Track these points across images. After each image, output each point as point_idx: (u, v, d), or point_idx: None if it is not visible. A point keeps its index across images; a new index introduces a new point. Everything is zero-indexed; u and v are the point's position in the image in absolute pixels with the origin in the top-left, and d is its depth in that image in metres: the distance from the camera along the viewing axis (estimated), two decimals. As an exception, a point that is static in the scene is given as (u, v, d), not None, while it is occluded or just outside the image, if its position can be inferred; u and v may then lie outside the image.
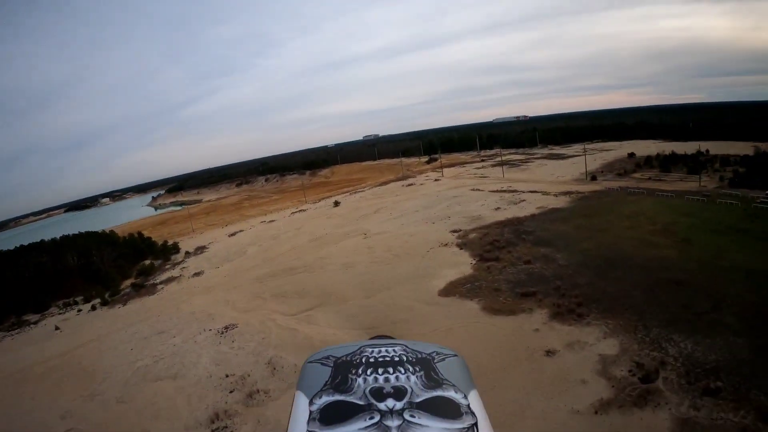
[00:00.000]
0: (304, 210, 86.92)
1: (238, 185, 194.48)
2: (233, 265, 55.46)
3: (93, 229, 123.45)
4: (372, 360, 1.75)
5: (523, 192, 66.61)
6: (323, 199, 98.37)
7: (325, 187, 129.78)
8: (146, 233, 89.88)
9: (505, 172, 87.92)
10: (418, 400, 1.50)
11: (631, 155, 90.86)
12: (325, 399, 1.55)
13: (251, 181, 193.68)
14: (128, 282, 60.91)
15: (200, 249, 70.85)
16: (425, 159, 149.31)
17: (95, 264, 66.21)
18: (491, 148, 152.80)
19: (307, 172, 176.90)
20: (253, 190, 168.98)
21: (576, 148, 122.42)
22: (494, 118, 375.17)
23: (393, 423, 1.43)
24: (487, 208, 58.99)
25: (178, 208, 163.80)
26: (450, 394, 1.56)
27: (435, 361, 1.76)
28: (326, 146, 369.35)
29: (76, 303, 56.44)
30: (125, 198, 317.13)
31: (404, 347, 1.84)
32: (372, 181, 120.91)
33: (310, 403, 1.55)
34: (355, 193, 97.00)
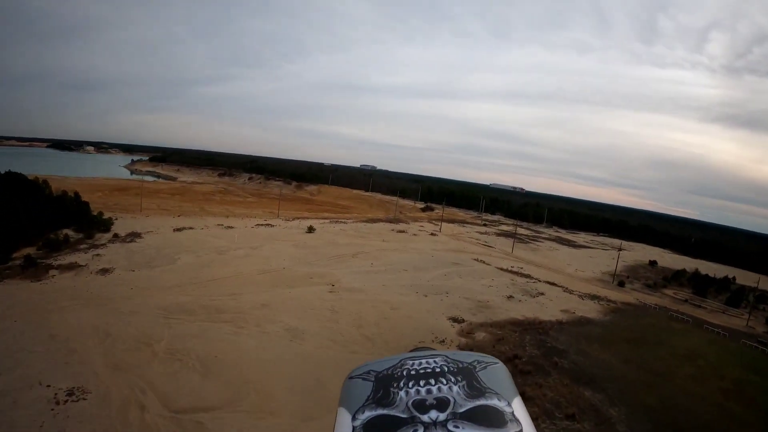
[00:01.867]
0: (271, 225, 72.61)
1: (220, 175, 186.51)
2: (150, 275, 40.87)
3: (60, 173, 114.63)
4: (413, 372, 1.65)
5: (539, 281, 53.58)
6: (299, 218, 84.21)
7: (307, 204, 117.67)
8: (94, 197, 77.89)
9: (514, 248, 74.58)
10: (461, 410, 1.46)
11: (653, 264, 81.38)
12: (368, 414, 1.50)
13: (234, 175, 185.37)
14: (26, 251, 46.68)
15: (132, 236, 56.58)
16: (421, 205, 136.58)
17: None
18: (493, 213, 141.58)
19: (293, 183, 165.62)
20: (232, 185, 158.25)
21: (584, 236, 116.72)
22: (491, 183, 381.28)
23: None
24: (496, 293, 45.25)
25: (152, 179, 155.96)
26: (493, 402, 1.50)
27: (476, 369, 1.65)
28: (322, 163, 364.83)
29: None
30: (110, 153, 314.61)
31: (445, 358, 1.71)
32: (359, 213, 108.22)
33: (353, 418, 1.50)
34: (337, 222, 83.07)
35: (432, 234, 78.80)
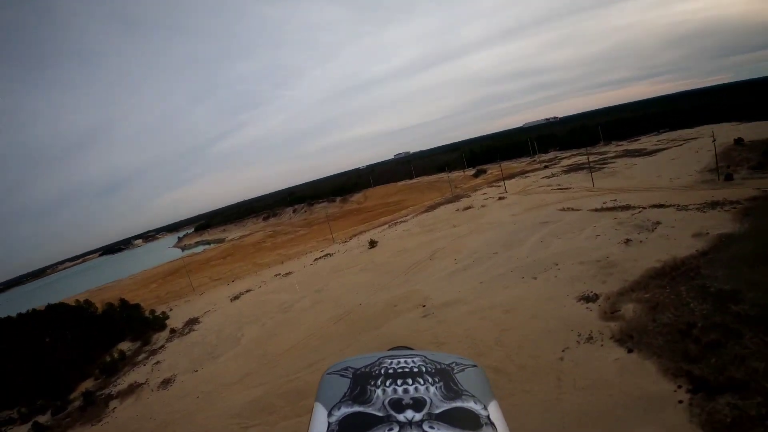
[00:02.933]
0: (330, 255, 65.83)
1: (264, 219, 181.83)
2: (215, 371, 34.48)
3: (113, 278, 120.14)
4: (391, 371, 1.73)
5: (644, 208, 44.78)
6: (355, 235, 77.45)
7: (359, 215, 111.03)
8: (147, 291, 77.98)
9: (594, 180, 65.80)
10: (437, 411, 1.50)
11: (740, 141, 70.22)
12: (344, 410, 1.55)
13: (278, 213, 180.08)
14: (83, 386, 41.84)
15: (190, 324, 51.12)
16: (471, 172, 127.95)
17: (48, 356, 47.07)
18: (546, 152, 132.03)
19: (338, 199, 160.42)
20: (280, 224, 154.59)
21: (647, 140, 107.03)
22: (524, 123, 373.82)
23: None
24: (609, 242, 36.85)
25: (202, 248, 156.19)
26: (470, 405, 1.55)
27: (454, 371, 1.75)
28: (357, 168, 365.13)
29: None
30: (157, 238, 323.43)
31: (423, 358, 1.83)
32: (413, 204, 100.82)
33: (329, 414, 1.54)
34: (396, 224, 75.66)
35: (500, 198, 70.38)
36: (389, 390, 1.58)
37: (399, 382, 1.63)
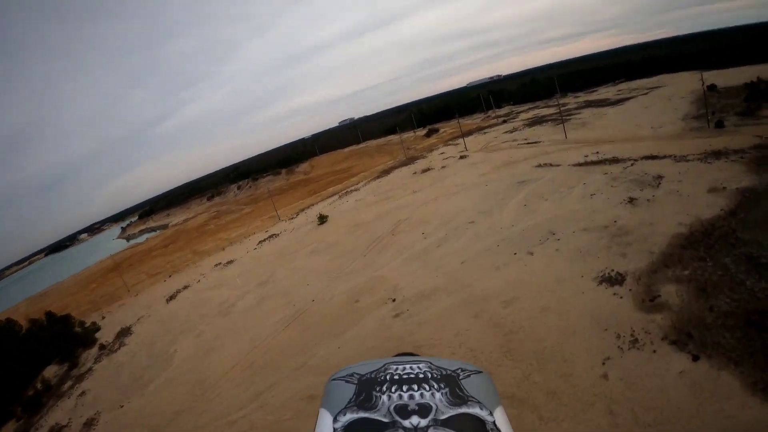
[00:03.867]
0: (276, 235, 58.11)
1: (209, 199, 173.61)
2: (144, 405, 26.57)
3: (54, 280, 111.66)
4: (396, 377, 1.69)
5: (635, 160, 38.90)
6: (303, 210, 69.87)
7: (306, 186, 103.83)
8: (84, 294, 72.32)
9: (567, 132, 59.76)
10: (443, 417, 1.48)
11: (713, 87, 65.20)
12: (350, 416, 1.52)
13: (223, 192, 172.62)
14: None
15: (122, 335, 43.10)
16: (423, 132, 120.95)
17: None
18: (500, 107, 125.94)
19: (283, 171, 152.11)
20: (224, 203, 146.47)
21: (605, 90, 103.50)
22: (468, 83, 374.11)
23: None
24: (610, 203, 30.44)
25: (151, 234, 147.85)
26: (475, 411, 1.53)
27: (460, 377, 1.72)
28: (303, 138, 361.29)
29: None
30: (103, 230, 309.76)
31: (429, 364, 1.78)
32: (364, 170, 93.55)
33: (334, 420, 1.52)
34: (347, 194, 68.19)
35: (462, 157, 63.45)
36: (395, 396, 1.56)
37: (404, 388, 1.60)
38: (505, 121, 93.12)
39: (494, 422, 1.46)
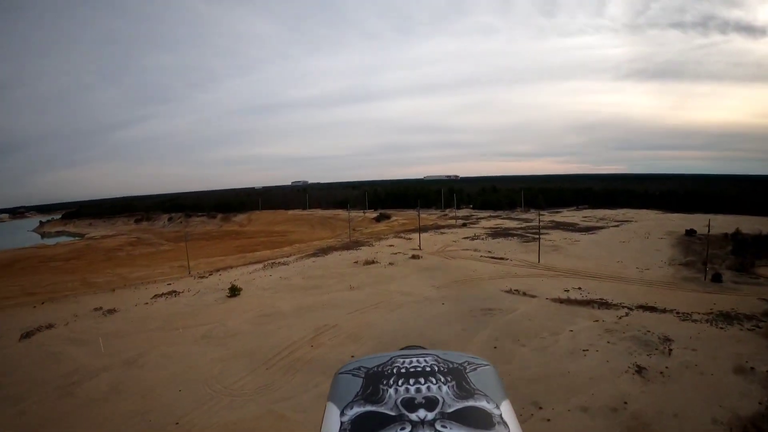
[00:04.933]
0: (176, 293, 47.61)
1: (137, 221, 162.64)
2: None
3: None
4: (403, 370, 1.70)
5: (630, 309, 32.07)
6: (219, 270, 59.14)
7: (236, 240, 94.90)
8: None
9: (529, 251, 53.38)
10: (449, 410, 1.49)
11: (692, 233, 63.74)
12: (357, 410, 1.54)
13: (153, 219, 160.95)
14: None
15: None
16: (373, 214, 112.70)
17: None
18: (458, 207, 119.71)
19: (219, 216, 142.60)
20: (150, 231, 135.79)
21: (568, 213, 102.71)
22: (425, 176, 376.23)
23: None
24: (610, 367, 22.88)
25: (64, 239, 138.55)
26: (482, 404, 1.55)
27: (467, 371, 1.72)
28: (253, 188, 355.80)
29: None
30: (27, 217, 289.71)
31: (435, 357, 1.78)
32: (301, 240, 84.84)
33: (342, 414, 1.54)
34: (273, 266, 58.06)
35: (414, 257, 54.47)
36: (401, 389, 1.57)
37: (411, 381, 1.61)
38: (465, 225, 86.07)
39: (501, 415, 1.48)
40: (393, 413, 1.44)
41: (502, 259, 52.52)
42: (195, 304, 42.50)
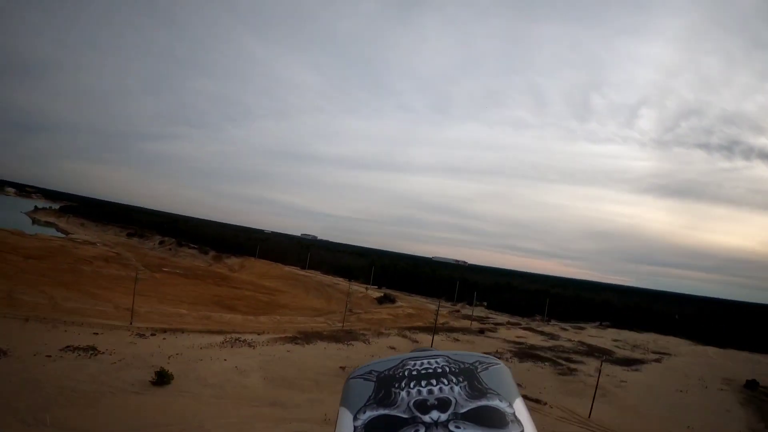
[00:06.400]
0: (96, 352, 35.03)
1: (128, 235, 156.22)
2: None
3: None
4: (415, 373, 1.66)
5: None
6: (172, 330, 45.74)
7: (218, 286, 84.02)
8: None
9: (566, 391, 43.51)
10: (462, 410, 1.47)
11: (753, 385, 55.54)
12: (369, 414, 1.51)
13: (146, 237, 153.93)
14: None
15: None
16: (377, 293, 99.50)
17: None
18: (471, 303, 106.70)
19: (211, 253, 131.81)
20: (135, 249, 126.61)
21: (596, 332, 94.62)
22: (433, 256, 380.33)
23: None
24: None
25: (47, 232, 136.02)
26: (495, 403, 1.51)
27: (478, 370, 1.67)
28: (262, 230, 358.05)
29: None
30: (31, 198, 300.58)
31: (446, 358, 1.73)
32: (288, 303, 74.99)
33: (354, 418, 1.51)
34: (236, 343, 44.73)
35: None
36: (414, 391, 1.53)
37: (423, 383, 1.57)
38: (482, 332, 72.18)
39: (514, 413, 1.45)
40: (406, 416, 1.43)
41: (538, 402, 39.74)
42: (103, 382, 29.60)
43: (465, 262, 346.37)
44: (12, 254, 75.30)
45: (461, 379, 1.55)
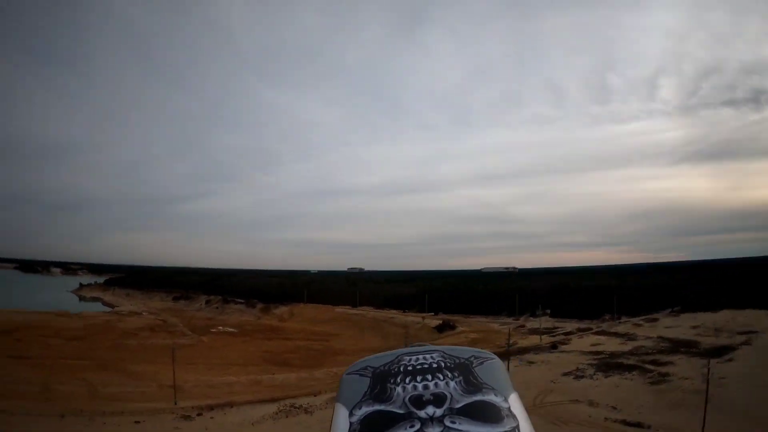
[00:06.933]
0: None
1: (174, 299, 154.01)
2: None
3: None
4: (410, 368, 1.71)
5: None
6: (216, 407, 41.50)
7: (270, 339, 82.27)
8: None
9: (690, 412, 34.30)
10: (458, 405, 1.51)
11: None
12: (365, 410, 1.55)
13: (192, 298, 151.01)
14: None
15: None
16: (434, 321, 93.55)
17: None
18: (534, 314, 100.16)
19: (258, 305, 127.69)
20: (182, 313, 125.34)
21: (672, 321, 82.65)
22: (483, 267, 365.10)
23: (434, 430, 1.43)
24: None
25: (93, 308, 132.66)
26: (490, 397, 1.56)
27: (473, 365, 1.72)
28: (308, 271, 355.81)
29: None
30: (78, 275, 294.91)
31: (441, 353, 1.78)
32: (344, 347, 72.32)
33: (350, 414, 1.55)
34: (291, 413, 38.98)
35: None
36: (409, 387, 1.57)
37: (419, 378, 1.61)
38: (555, 347, 65.83)
39: (509, 408, 1.49)
40: (402, 411, 1.46)
41: (640, 426, 33.94)
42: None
43: (515, 268, 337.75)
44: (55, 338, 73.80)
45: (456, 374, 1.59)
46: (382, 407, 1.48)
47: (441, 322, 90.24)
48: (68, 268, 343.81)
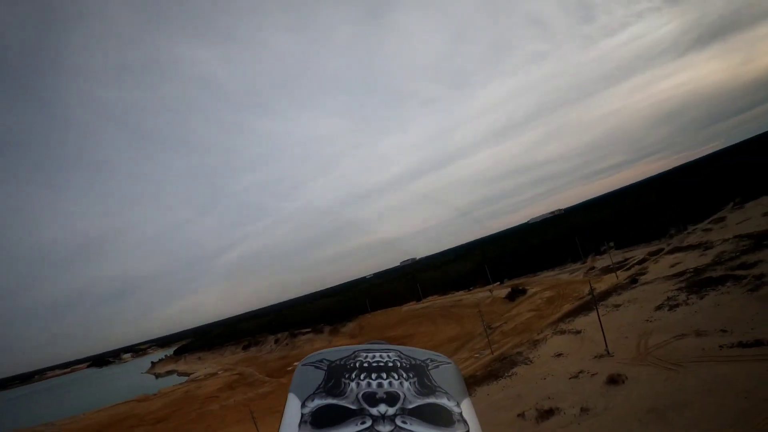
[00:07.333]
0: None
1: (244, 348, 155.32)
2: None
3: (62, 414, 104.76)
4: (366, 365, 1.68)
5: None
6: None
7: None
8: None
9: None
10: (410, 406, 1.48)
11: None
12: (318, 402, 1.53)
13: (260, 342, 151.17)
14: None
15: None
16: (502, 290, 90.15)
17: None
18: (598, 253, 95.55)
19: (326, 329, 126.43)
20: (256, 360, 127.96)
21: (734, 216, 78.21)
22: (529, 219, 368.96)
23: (385, 428, 1.41)
24: None
25: (169, 382, 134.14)
26: (443, 401, 1.53)
27: (429, 368, 1.69)
28: (364, 277, 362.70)
29: None
30: (147, 354, 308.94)
31: (398, 353, 1.75)
32: (422, 342, 69.65)
33: (303, 405, 1.53)
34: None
35: (612, 381, 31.90)
36: (363, 383, 1.55)
37: (373, 376, 1.59)
38: (634, 281, 61.52)
39: (461, 413, 1.45)
40: (354, 407, 1.45)
41: (760, 344, 30.09)
42: None
43: (561, 210, 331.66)
44: (140, 426, 74.95)
45: (411, 375, 1.58)
46: (334, 401, 1.48)
47: (510, 289, 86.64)
48: (137, 349, 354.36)
